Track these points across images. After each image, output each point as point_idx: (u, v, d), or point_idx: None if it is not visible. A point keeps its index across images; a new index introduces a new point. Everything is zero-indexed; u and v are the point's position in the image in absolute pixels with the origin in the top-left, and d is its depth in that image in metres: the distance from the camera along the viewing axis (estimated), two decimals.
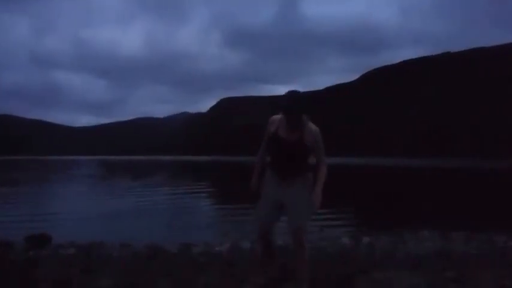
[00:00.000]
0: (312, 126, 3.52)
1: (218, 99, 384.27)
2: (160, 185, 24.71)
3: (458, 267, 4.77)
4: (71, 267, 4.84)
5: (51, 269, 4.69)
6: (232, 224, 9.70)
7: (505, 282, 4.08)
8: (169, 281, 4.06)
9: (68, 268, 4.76)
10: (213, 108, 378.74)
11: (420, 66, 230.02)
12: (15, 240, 6.49)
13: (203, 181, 29.20)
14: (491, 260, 5.34)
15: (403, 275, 4.39)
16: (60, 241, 6.59)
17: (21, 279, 4.23)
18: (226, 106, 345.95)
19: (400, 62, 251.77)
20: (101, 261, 5.27)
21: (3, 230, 7.78)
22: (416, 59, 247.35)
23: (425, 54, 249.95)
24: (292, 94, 3.44)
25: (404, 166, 62.66)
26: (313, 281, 3.95)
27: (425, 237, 7.26)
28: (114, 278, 4.12)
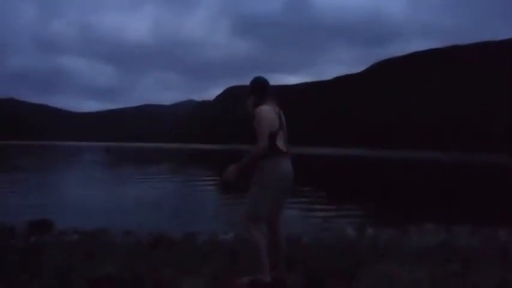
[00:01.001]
0: (257, 108, 3.55)
1: (225, 88, 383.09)
2: (166, 174, 24.78)
3: (461, 260, 4.75)
4: (74, 253, 4.87)
5: (54, 255, 4.72)
6: (238, 214, 9.71)
7: (507, 276, 4.06)
8: (173, 269, 4.07)
9: (71, 254, 4.79)
10: (219, 97, 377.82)
11: (428, 58, 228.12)
12: (17, 226, 6.53)
13: (209, 170, 29.26)
14: (494, 254, 5.31)
15: (406, 267, 4.38)
16: (63, 227, 6.63)
17: (24, 264, 4.26)
18: (233, 94, 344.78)
19: (409, 54, 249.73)
20: (104, 248, 5.29)
21: (5, 216, 7.83)
22: (424, 51, 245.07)
23: (434, 47, 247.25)
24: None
25: (410, 158, 62.50)
26: (315, 272, 3.96)
27: (429, 230, 7.24)
28: (118, 266, 4.14)
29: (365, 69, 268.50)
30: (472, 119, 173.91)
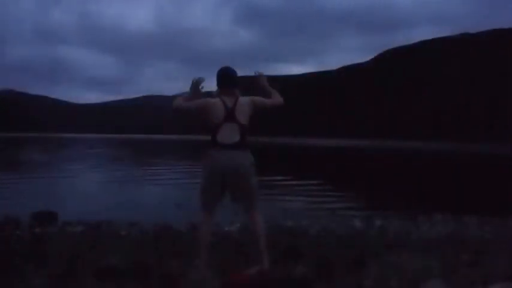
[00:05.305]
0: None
1: None
2: (168, 165, 24.77)
3: (472, 251, 4.67)
4: (78, 244, 4.83)
5: (59, 246, 4.69)
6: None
7: None
8: (178, 260, 4.01)
9: (76, 245, 4.75)
10: None
11: (437, 46, 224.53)
12: (21, 217, 6.50)
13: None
14: (507, 244, 5.23)
15: (416, 257, 4.29)
16: (68, 219, 6.59)
17: (29, 255, 4.23)
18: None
19: (417, 42, 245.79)
20: (109, 239, 5.25)
21: (9, 207, 7.80)
22: (433, 39, 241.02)
23: (443, 35, 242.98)
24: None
25: (419, 149, 62.27)
26: (324, 264, 3.89)
27: (439, 220, 7.15)
28: (123, 256, 4.08)
29: (371, 59, 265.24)
30: (483, 108, 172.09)
